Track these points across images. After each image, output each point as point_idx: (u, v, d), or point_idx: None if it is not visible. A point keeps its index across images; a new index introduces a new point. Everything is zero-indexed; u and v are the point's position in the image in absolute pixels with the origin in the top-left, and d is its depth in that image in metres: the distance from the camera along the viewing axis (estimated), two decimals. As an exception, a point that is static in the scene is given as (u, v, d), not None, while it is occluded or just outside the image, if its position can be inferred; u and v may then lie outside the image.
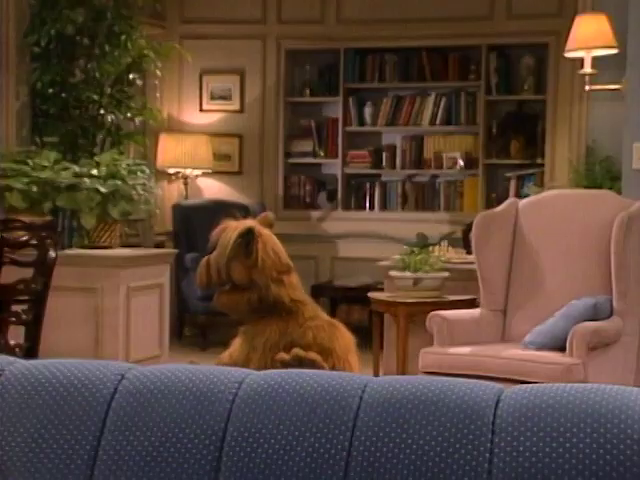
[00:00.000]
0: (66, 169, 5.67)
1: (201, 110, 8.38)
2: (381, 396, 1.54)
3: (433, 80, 8.07)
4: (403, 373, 5.28)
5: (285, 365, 3.60)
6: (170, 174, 8.24)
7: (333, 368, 3.77)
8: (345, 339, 4.00)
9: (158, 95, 7.64)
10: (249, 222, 4.09)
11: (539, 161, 7.76)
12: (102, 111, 6.34)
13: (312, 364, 3.56)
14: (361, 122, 8.27)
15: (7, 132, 5.96)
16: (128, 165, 5.88)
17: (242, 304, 4.03)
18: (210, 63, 8.29)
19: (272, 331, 3.94)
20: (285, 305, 3.99)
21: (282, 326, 3.94)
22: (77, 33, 6.26)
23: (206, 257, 4.13)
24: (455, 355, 4.60)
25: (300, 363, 3.61)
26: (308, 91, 8.35)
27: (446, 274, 5.50)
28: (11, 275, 4.13)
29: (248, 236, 3.97)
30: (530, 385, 1.54)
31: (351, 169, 8.29)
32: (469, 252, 5.65)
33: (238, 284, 4.04)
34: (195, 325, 7.96)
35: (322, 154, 8.35)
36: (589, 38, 5.46)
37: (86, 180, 5.61)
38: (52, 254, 4.02)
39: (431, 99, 8.07)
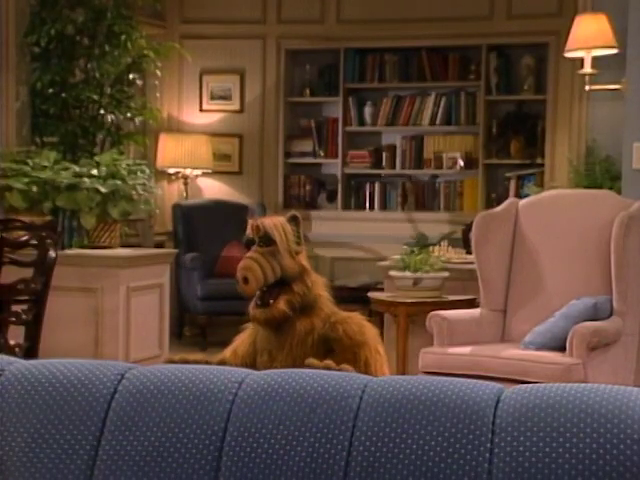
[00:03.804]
0: (66, 169, 5.67)
1: (201, 110, 8.38)
2: (381, 396, 1.54)
3: (433, 80, 8.06)
4: (403, 373, 5.28)
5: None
6: (170, 174, 8.23)
7: (367, 360, 3.71)
8: (370, 328, 3.88)
9: (158, 95, 7.64)
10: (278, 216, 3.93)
11: (539, 161, 7.75)
12: (102, 111, 6.35)
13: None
14: (361, 122, 8.27)
15: (7, 132, 5.96)
16: (128, 165, 5.88)
17: (295, 300, 3.67)
18: (210, 63, 8.29)
19: (297, 328, 3.68)
20: (322, 297, 3.74)
21: (307, 322, 3.77)
22: (77, 33, 6.27)
23: (247, 259, 3.64)
24: (455, 355, 4.60)
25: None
26: (308, 91, 8.34)
27: (446, 274, 5.50)
28: (11, 275, 4.13)
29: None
30: (530, 385, 1.54)
31: (351, 169, 8.29)
32: (469, 252, 5.65)
33: (289, 278, 3.68)
34: (195, 325, 7.96)
35: (322, 154, 8.35)
36: (589, 38, 5.46)
37: (86, 180, 5.61)
38: (52, 254, 4.02)
39: (431, 99, 8.07)
